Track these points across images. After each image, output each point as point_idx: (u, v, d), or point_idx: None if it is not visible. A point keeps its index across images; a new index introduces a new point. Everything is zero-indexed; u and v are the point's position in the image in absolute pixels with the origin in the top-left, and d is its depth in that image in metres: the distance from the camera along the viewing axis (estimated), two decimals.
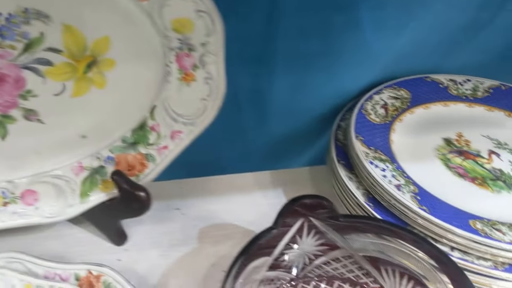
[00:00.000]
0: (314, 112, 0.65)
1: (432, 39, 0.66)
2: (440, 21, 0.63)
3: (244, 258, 0.43)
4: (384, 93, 0.65)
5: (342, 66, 0.61)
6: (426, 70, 0.69)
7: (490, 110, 0.65)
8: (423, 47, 0.66)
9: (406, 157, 0.57)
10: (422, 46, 0.66)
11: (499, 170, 0.57)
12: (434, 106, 0.65)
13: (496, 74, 0.69)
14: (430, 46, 0.66)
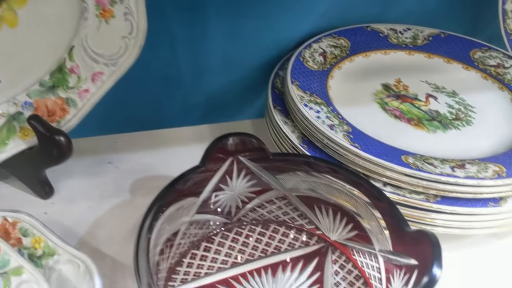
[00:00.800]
0: (254, 62, 0.63)
1: None
2: None
3: (165, 197, 0.41)
4: (323, 42, 0.63)
5: (278, 13, 0.60)
6: (367, 20, 0.68)
7: (430, 57, 0.64)
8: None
9: (343, 101, 0.56)
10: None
11: (435, 111, 0.56)
12: (374, 54, 0.64)
13: (436, 22, 0.69)
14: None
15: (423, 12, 0.69)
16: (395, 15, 0.68)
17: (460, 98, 0.58)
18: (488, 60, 0.63)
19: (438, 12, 0.69)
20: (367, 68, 0.62)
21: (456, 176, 0.45)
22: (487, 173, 0.46)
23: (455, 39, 0.66)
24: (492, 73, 0.61)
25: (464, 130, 0.54)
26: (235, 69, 0.63)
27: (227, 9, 0.58)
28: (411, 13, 0.68)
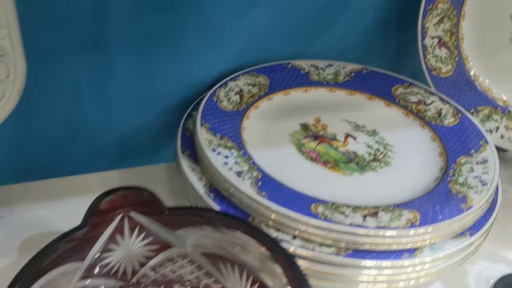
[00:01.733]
0: (167, 102, 0.59)
1: (291, 22, 0.63)
2: (296, 2, 0.61)
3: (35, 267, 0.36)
4: (240, 80, 0.60)
5: (192, 51, 0.56)
6: (289, 56, 0.66)
7: (351, 94, 0.62)
8: (282, 31, 0.63)
9: (257, 144, 0.53)
10: (281, 30, 0.63)
11: (353, 152, 0.54)
12: (294, 92, 0.62)
13: (359, 57, 0.67)
14: (290, 30, 0.63)
15: (345, 47, 0.67)
16: (317, 51, 0.66)
17: (380, 137, 0.56)
18: (410, 97, 0.61)
19: (361, 47, 0.68)
20: (286, 106, 0.60)
21: (367, 226, 0.42)
22: (400, 221, 0.43)
23: (377, 75, 0.65)
24: (413, 110, 0.60)
25: (382, 172, 0.51)
26: (147, 110, 0.59)
27: (134, 47, 0.54)
28: (333, 48, 0.67)
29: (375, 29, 0.66)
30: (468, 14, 0.61)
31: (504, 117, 0.63)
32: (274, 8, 0.59)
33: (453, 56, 0.63)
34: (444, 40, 0.62)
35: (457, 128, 0.56)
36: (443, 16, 0.61)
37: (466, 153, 0.53)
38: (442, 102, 0.60)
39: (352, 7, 0.64)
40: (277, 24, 0.62)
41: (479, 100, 0.64)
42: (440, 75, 0.63)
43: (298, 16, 0.62)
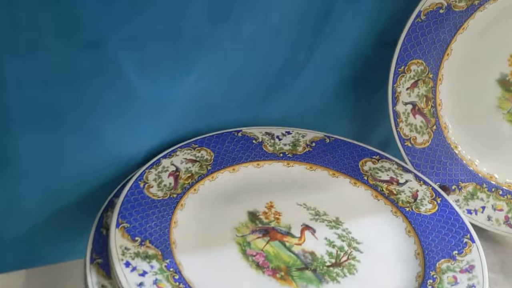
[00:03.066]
0: (84, 187, 0.49)
1: (241, 85, 0.53)
2: (246, 62, 0.51)
3: None
4: (177, 156, 0.50)
5: (108, 123, 0.46)
6: (239, 123, 0.56)
7: (311, 169, 0.53)
8: (230, 96, 0.53)
9: (190, 245, 0.42)
10: (228, 94, 0.53)
11: (311, 253, 0.44)
12: (244, 168, 0.52)
13: (320, 124, 0.58)
14: (240, 94, 0.54)
15: (305, 111, 0.57)
16: (273, 116, 0.57)
17: (344, 229, 0.46)
18: (380, 174, 0.52)
19: (323, 111, 0.58)
20: (233, 188, 0.49)
21: None
22: None
23: (343, 145, 0.55)
24: (384, 191, 0.50)
25: (345, 283, 0.41)
26: (59, 196, 0.48)
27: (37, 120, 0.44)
28: (291, 113, 0.57)
29: (340, 90, 0.57)
30: (446, 77, 0.52)
31: (491, 195, 0.54)
32: (217, 72, 0.49)
33: (430, 125, 0.54)
34: (419, 106, 0.53)
35: (437, 217, 0.47)
36: (418, 80, 0.52)
37: (447, 256, 0.43)
38: (418, 181, 0.51)
39: (312, 65, 0.54)
40: (224, 87, 0.52)
41: (462, 175, 0.54)
42: (415, 146, 0.54)
43: (250, 77, 0.53)
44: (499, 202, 0.54)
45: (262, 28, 0.49)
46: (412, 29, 0.50)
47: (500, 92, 0.52)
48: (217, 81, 0.51)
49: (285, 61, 0.53)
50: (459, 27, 0.50)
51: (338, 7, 0.51)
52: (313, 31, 0.52)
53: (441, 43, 0.51)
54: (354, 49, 0.55)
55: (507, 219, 0.53)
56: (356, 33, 0.53)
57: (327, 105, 0.58)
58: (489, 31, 0.50)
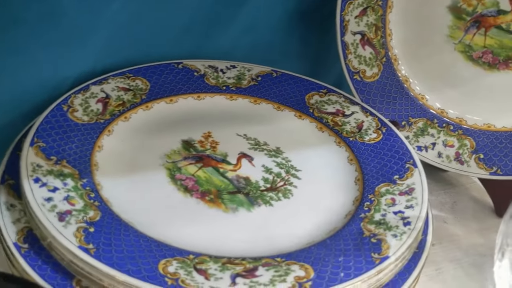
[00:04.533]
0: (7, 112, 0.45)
1: (181, 14, 0.50)
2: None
3: None
4: (109, 83, 0.47)
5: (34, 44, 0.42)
6: (180, 55, 0.53)
7: (256, 103, 0.50)
8: (170, 26, 0.50)
9: (114, 169, 0.39)
10: (169, 23, 0.50)
11: (245, 178, 0.41)
12: (182, 100, 0.48)
13: (269, 59, 0.55)
14: (181, 24, 0.50)
15: (253, 45, 0.54)
16: (218, 50, 0.54)
17: (284, 158, 0.44)
18: (326, 106, 0.49)
19: (272, 45, 0.55)
20: (168, 118, 0.46)
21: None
22: (285, 283, 0.30)
23: (290, 79, 0.52)
24: (329, 123, 0.48)
25: (278, 207, 0.39)
26: None
27: None
28: (237, 47, 0.54)
29: (289, 22, 0.54)
30: (396, 5, 0.50)
31: (442, 131, 0.52)
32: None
33: (380, 57, 0.51)
34: (368, 36, 0.50)
35: (380, 146, 0.45)
36: (367, 7, 0.50)
37: (388, 180, 0.41)
38: (364, 113, 0.48)
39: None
40: (163, 15, 0.48)
41: (412, 110, 0.52)
42: (364, 79, 0.51)
43: (190, 6, 0.50)
44: (450, 138, 0.52)
45: None
46: None
47: (451, 20, 0.49)
48: (155, 7, 0.47)
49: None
50: None
51: None
52: None
53: None
54: None
55: (457, 155, 0.51)
56: None
57: (275, 39, 0.55)
58: None
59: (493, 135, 0.51)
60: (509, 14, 0.47)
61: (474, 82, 0.50)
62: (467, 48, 0.50)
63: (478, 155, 0.51)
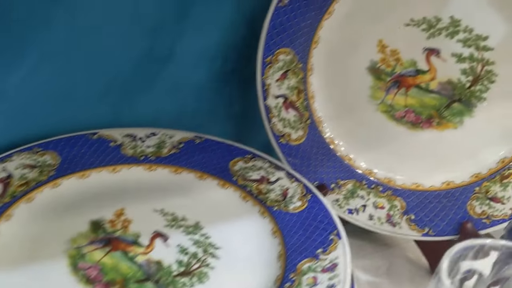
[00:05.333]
0: None
1: (96, 79, 0.47)
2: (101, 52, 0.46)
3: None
4: (13, 160, 0.43)
5: None
6: (99, 124, 0.50)
7: (176, 172, 0.47)
8: (85, 92, 0.47)
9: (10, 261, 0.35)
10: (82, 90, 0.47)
11: (156, 263, 0.37)
12: (95, 174, 0.45)
13: (193, 124, 0.53)
14: (95, 90, 0.48)
15: (175, 110, 0.52)
16: (138, 117, 0.51)
17: (203, 234, 0.41)
18: (251, 173, 0.47)
19: (196, 109, 0.53)
20: (79, 196, 0.43)
21: None
22: None
23: (214, 145, 0.50)
24: (253, 191, 0.45)
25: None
26: None
27: None
28: (161, 114, 0.52)
29: (214, 84, 0.52)
30: (316, 67, 0.49)
31: (372, 192, 0.51)
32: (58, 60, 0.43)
33: (304, 119, 0.50)
34: (291, 99, 0.49)
35: (305, 215, 0.42)
36: (287, 70, 0.49)
37: (311, 255, 0.38)
38: (289, 179, 0.46)
39: (178, 56, 0.49)
40: (75, 82, 0.46)
41: (340, 171, 0.51)
42: (290, 142, 0.50)
43: (106, 71, 0.47)
44: (379, 199, 0.50)
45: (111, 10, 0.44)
46: (276, 14, 0.46)
47: (371, 80, 0.49)
48: (60, 71, 0.44)
49: (145, 51, 0.48)
50: (324, 11, 0.47)
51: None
52: (174, 16, 0.47)
53: (308, 30, 0.47)
54: (224, 38, 0.50)
55: (389, 217, 0.50)
56: (223, 20, 0.49)
57: (200, 102, 0.53)
58: (355, 16, 0.47)
59: (422, 194, 0.50)
60: (427, 73, 0.47)
61: (398, 141, 0.50)
62: (389, 108, 0.49)
63: (409, 216, 0.49)
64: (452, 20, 0.45)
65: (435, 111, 0.48)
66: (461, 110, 0.48)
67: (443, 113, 0.48)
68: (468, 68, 0.46)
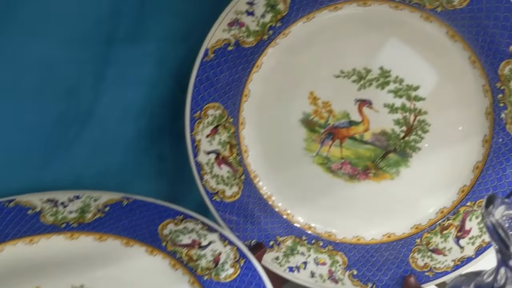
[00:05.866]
0: None
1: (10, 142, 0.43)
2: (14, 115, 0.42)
3: None
4: None
5: None
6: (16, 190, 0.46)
7: (101, 240, 0.44)
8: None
9: None
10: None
11: None
12: (10, 247, 0.41)
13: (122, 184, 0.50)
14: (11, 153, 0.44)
15: (103, 171, 0.49)
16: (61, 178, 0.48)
17: None
18: (181, 237, 0.44)
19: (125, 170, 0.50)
20: None
21: None
22: None
23: (143, 206, 0.46)
24: (183, 258, 0.42)
25: None
26: None
27: None
28: (86, 174, 0.48)
29: (142, 141, 0.50)
30: (248, 121, 0.47)
31: (312, 248, 0.48)
32: None
33: (238, 174, 0.47)
34: (223, 155, 0.47)
35: (237, 285, 0.40)
36: (217, 125, 0.46)
37: None
38: (222, 242, 0.44)
39: (99, 115, 0.46)
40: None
41: (279, 228, 0.49)
42: (224, 200, 0.47)
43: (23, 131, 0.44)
44: (321, 255, 0.48)
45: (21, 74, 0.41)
46: (202, 69, 0.44)
47: (305, 133, 0.47)
48: None
49: (60, 113, 0.44)
50: (252, 64, 0.45)
51: (118, 50, 0.44)
52: (91, 77, 0.44)
53: (236, 83, 0.45)
54: (149, 95, 0.48)
55: (331, 273, 0.48)
56: (146, 76, 0.47)
57: (128, 161, 0.50)
58: (283, 69, 0.45)
59: (363, 248, 0.48)
60: (361, 124, 0.46)
61: (336, 194, 0.48)
62: (325, 160, 0.48)
63: (352, 271, 0.47)
64: (382, 71, 0.44)
65: (371, 162, 0.47)
66: (397, 161, 0.47)
67: (379, 164, 0.47)
68: (401, 119, 0.45)
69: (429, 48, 0.43)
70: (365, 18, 0.43)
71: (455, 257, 0.46)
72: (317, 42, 0.44)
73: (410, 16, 0.42)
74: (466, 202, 0.46)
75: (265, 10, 0.42)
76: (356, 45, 0.44)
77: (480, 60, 0.42)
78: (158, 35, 0.45)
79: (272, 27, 0.43)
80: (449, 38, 0.42)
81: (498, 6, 0.40)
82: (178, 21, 0.46)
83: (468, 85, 0.43)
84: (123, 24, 0.45)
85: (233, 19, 0.43)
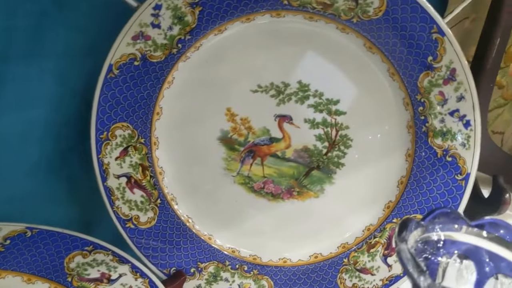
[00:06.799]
0: None
1: None
2: None
3: None
4: None
5: None
6: None
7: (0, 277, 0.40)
8: None
9: None
10: None
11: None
12: None
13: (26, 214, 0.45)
14: None
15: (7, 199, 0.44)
16: None
17: None
18: (89, 270, 0.40)
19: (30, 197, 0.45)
20: None
21: None
22: None
23: (48, 237, 0.42)
24: None
25: None
26: None
27: None
28: None
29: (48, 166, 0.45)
30: (161, 141, 0.44)
31: (236, 273, 0.46)
32: None
33: (153, 199, 0.44)
34: (136, 178, 0.43)
35: None
36: (127, 146, 0.43)
37: None
38: (134, 274, 0.40)
39: None
40: None
41: (200, 253, 0.45)
42: (139, 226, 0.44)
43: None
44: (246, 280, 0.45)
45: None
46: (106, 86, 0.40)
47: (224, 152, 0.44)
48: None
49: None
50: (162, 80, 0.42)
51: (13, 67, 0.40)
52: None
53: (146, 101, 0.42)
54: (53, 115, 0.44)
55: None
56: (47, 95, 0.43)
57: (31, 188, 0.45)
58: (197, 84, 0.42)
59: (290, 271, 0.46)
60: (282, 141, 0.44)
61: (260, 214, 0.45)
62: (247, 180, 0.45)
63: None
64: (301, 84, 0.42)
65: (294, 180, 0.44)
66: (321, 178, 0.44)
67: (302, 182, 0.44)
68: (322, 134, 0.43)
69: (347, 60, 0.41)
70: (280, 29, 0.40)
71: (383, 276, 0.45)
72: (231, 56, 0.41)
73: (326, 27, 0.40)
74: (392, 219, 0.44)
75: (172, 22, 0.39)
76: (273, 58, 0.41)
77: (399, 72, 0.41)
78: (57, 51, 0.41)
79: (181, 40, 0.40)
80: (367, 50, 0.40)
81: (413, 16, 0.38)
82: (79, 36, 0.42)
83: (388, 98, 0.42)
84: (18, 40, 0.41)
85: (137, 32, 0.39)
